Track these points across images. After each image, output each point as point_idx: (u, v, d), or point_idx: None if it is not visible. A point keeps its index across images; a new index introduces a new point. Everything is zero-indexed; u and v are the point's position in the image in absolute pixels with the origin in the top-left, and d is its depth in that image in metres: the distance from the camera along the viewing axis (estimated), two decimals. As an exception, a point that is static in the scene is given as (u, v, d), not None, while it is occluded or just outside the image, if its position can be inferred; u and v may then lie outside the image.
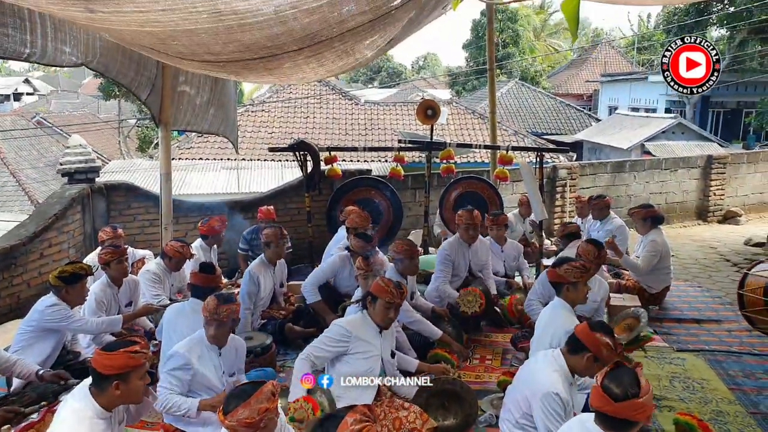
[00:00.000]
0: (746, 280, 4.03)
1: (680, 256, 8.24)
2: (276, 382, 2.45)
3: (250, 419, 2.17)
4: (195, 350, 3.29)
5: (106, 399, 2.49)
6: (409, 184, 8.55)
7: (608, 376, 2.22)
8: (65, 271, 3.91)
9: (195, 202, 7.76)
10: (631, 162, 10.70)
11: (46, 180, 18.56)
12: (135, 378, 2.51)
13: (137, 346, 2.54)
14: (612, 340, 2.77)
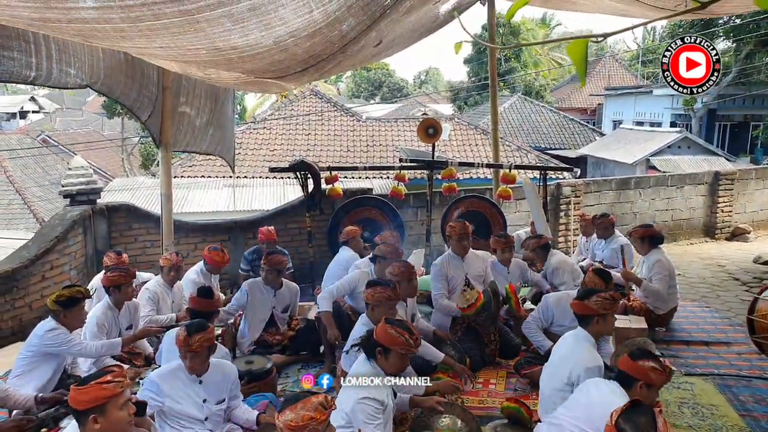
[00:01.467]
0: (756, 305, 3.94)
1: (687, 275, 8.13)
2: (328, 396, 2.46)
3: (294, 423, 2.30)
4: (168, 379, 3.21)
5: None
6: (410, 203, 8.51)
7: (623, 416, 2.16)
8: (62, 295, 3.87)
9: (196, 223, 7.74)
10: (636, 179, 10.62)
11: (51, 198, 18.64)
12: (113, 409, 2.41)
13: (110, 375, 2.46)
14: (657, 363, 2.81)
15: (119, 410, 2.44)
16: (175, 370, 3.28)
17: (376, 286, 3.86)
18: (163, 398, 3.17)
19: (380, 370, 3.15)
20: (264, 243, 6.33)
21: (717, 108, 21.38)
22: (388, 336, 3.08)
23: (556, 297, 4.65)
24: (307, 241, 7.21)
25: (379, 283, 3.93)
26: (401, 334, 3.09)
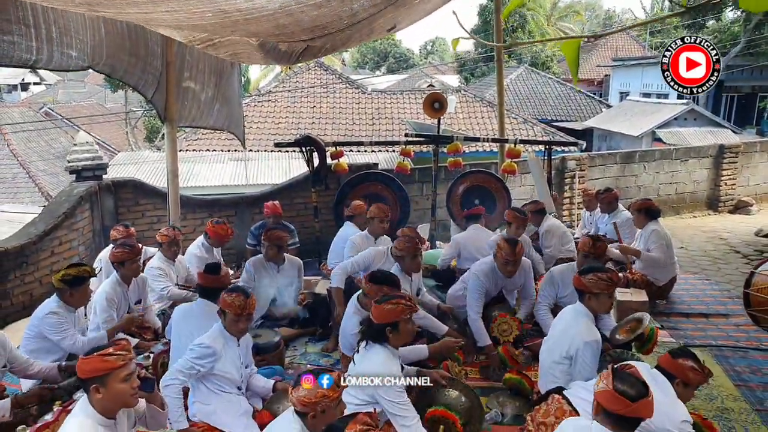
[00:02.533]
0: (753, 279, 4.00)
1: (689, 248, 8.19)
2: (341, 374, 2.55)
3: (307, 399, 2.38)
4: (219, 341, 3.34)
5: (96, 404, 2.50)
6: (416, 177, 8.54)
7: (617, 379, 2.24)
8: (68, 273, 3.91)
9: (203, 199, 7.81)
10: (641, 152, 10.61)
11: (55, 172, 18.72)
12: (114, 381, 2.48)
13: (112, 348, 2.52)
14: (696, 363, 2.89)
15: (120, 383, 2.49)
16: (219, 335, 3.38)
17: (381, 284, 3.78)
18: (219, 358, 3.29)
19: (394, 350, 3.19)
20: (270, 217, 6.39)
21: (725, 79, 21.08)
22: (389, 313, 3.13)
23: (559, 269, 4.72)
24: (313, 216, 7.28)
25: (383, 280, 3.85)
26: (397, 303, 3.16)
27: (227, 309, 3.35)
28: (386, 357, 3.11)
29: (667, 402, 2.78)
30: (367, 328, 3.22)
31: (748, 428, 3.57)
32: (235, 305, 3.32)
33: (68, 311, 4.00)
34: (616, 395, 2.20)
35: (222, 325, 3.41)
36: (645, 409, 2.21)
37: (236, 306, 3.33)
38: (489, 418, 3.71)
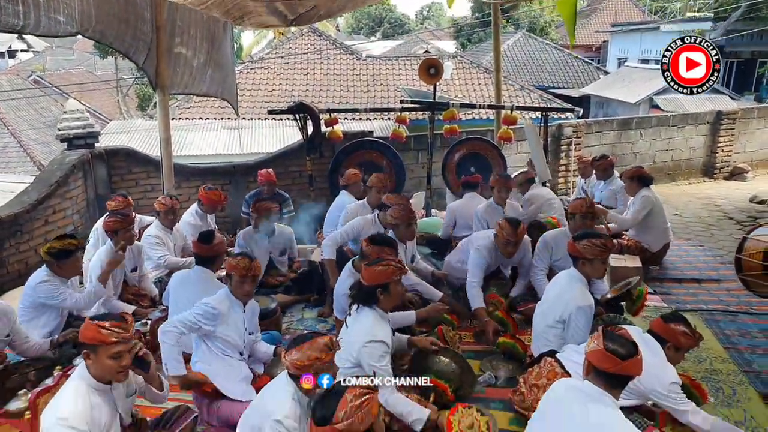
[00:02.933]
0: (745, 244, 4.04)
1: (684, 215, 8.23)
2: (333, 338, 2.58)
3: (300, 362, 2.43)
4: (225, 304, 3.38)
5: (89, 368, 2.55)
6: (411, 145, 8.49)
7: (607, 339, 2.28)
8: (53, 246, 3.90)
9: (197, 167, 7.76)
10: (638, 119, 10.55)
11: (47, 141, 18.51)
12: (102, 354, 2.50)
13: (108, 323, 2.51)
14: (687, 327, 2.94)
15: (108, 358, 2.50)
16: (226, 298, 3.41)
17: (382, 245, 3.83)
18: (219, 323, 3.31)
19: (383, 312, 3.27)
20: (264, 185, 6.37)
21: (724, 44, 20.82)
22: (380, 274, 3.20)
23: (552, 234, 4.75)
24: (308, 184, 7.25)
25: (383, 241, 3.89)
26: (387, 265, 3.23)
27: (232, 271, 3.38)
28: (376, 319, 3.19)
29: (657, 364, 2.84)
30: (358, 290, 3.28)
31: (736, 389, 3.64)
32: (240, 267, 3.37)
33: (60, 281, 4.01)
34: (607, 354, 2.24)
35: (228, 289, 3.45)
36: (635, 367, 2.25)
37: (241, 267, 3.37)
38: (482, 380, 3.77)
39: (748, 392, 3.57)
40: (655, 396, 2.83)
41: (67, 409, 2.45)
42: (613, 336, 2.31)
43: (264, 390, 2.75)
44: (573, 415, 2.25)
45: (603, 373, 2.26)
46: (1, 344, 3.59)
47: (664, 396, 2.80)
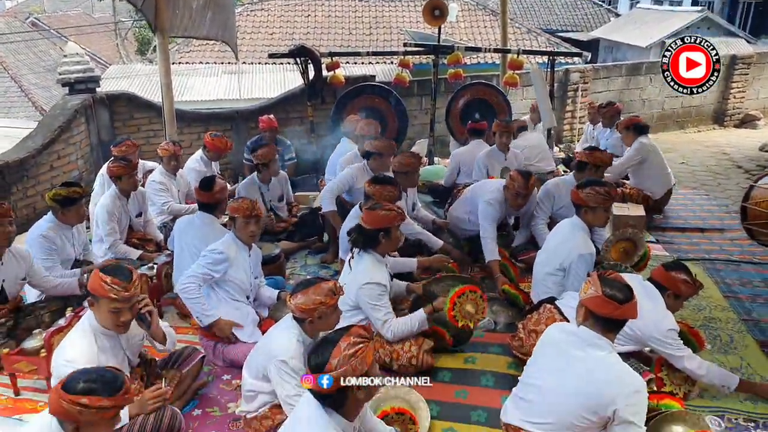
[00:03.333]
0: (752, 192, 4.00)
1: (691, 163, 8.14)
2: (337, 283, 2.64)
3: (304, 306, 2.52)
4: (232, 248, 3.42)
5: (94, 314, 2.61)
6: (414, 90, 8.33)
7: (605, 285, 2.30)
8: (59, 193, 3.90)
9: (198, 112, 7.67)
10: (647, 64, 10.25)
11: (47, 86, 18.25)
12: (103, 306, 2.55)
13: (113, 278, 2.50)
14: (688, 275, 2.95)
15: (107, 311, 2.55)
16: (232, 242, 3.46)
17: (384, 184, 3.88)
18: (230, 262, 3.36)
19: (380, 257, 3.34)
20: (266, 131, 6.32)
21: (742, -16, 20.07)
22: (382, 218, 3.25)
23: (554, 182, 4.73)
24: (309, 130, 7.18)
25: (384, 180, 3.94)
26: (390, 210, 3.29)
27: (236, 213, 3.42)
28: (373, 263, 3.27)
29: (656, 311, 2.88)
30: (359, 234, 3.32)
31: (734, 336, 3.70)
32: (243, 207, 3.41)
33: (63, 228, 4.02)
34: (606, 299, 2.26)
35: (233, 233, 3.48)
36: (631, 310, 2.29)
37: (244, 208, 3.41)
38: (481, 325, 3.82)
39: (746, 340, 3.63)
40: (653, 342, 2.88)
41: (74, 352, 2.53)
42: (609, 281, 2.33)
43: (269, 332, 2.81)
44: (572, 359, 2.29)
45: (601, 318, 2.29)
46: (18, 286, 3.66)
47: (662, 342, 2.85)
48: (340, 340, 1.97)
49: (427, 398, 2.97)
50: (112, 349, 2.67)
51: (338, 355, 1.93)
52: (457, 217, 4.87)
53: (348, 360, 1.92)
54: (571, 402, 2.23)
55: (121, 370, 2.14)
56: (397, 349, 3.24)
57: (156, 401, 2.61)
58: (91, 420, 1.97)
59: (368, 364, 1.97)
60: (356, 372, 1.93)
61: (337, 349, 1.94)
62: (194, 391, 3.20)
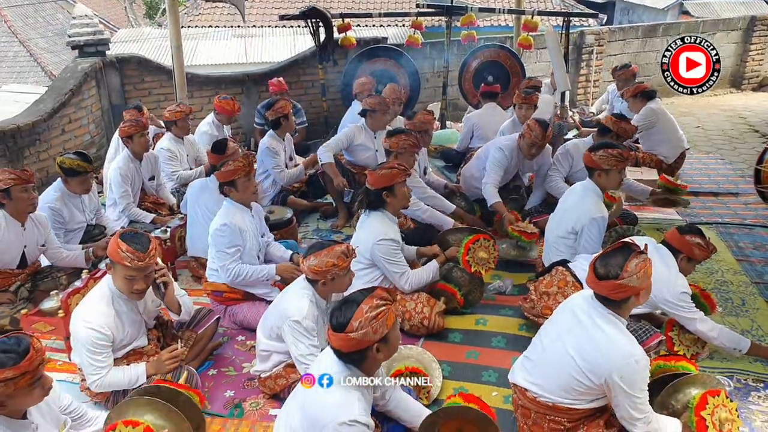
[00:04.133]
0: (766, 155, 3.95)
1: (707, 127, 8.01)
2: (350, 245, 2.67)
3: (317, 268, 2.56)
4: (236, 217, 3.41)
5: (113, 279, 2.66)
6: (427, 53, 8.19)
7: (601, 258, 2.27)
8: (65, 162, 3.88)
9: (209, 76, 7.62)
10: (665, 25, 9.99)
11: (56, 50, 18.14)
12: (119, 272, 2.58)
13: (127, 245, 2.52)
14: (702, 239, 2.93)
15: (122, 277, 2.59)
16: (231, 209, 3.44)
17: (401, 134, 3.95)
18: (244, 232, 3.37)
19: (391, 216, 3.38)
20: (276, 95, 6.29)
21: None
22: (384, 177, 3.28)
23: (573, 144, 4.69)
24: (320, 93, 7.12)
25: (402, 131, 4.01)
26: (391, 168, 3.31)
27: (235, 176, 3.38)
28: (384, 221, 3.32)
29: (668, 274, 2.88)
30: (366, 195, 3.36)
31: (745, 299, 3.71)
32: (240, 167, 3.38)
33: (71, 196, 4.02)
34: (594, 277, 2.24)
35: (230, 200, 3.46)
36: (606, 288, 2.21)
37: (241, 167, 3.38)
38: (492, 288, 3.87)
39: (758, 302, 3.64)
40: (665, 305, 2.90)
41: (92, 313, 2.60)
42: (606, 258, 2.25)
43: (283, 293, 2.86)
44: (579, 323, 2.30)
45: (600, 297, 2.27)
46: (38, 252, 3.71)
47: (674, 305, 2.86)
48: (363, 302, 2.00)
49: (440, 359, 3.03)
50: (128, 313, 2.73)
51: (360, 317, 1.96)
52: (471, 175, 4.85)
53: (369, 322, 1.96)
54: (569, 362, 2.25)
55: (27, 333, 2.07)
56: (409, 310, 3.29)
57: (172, 361, 2.70)
58: (8, 393, 1.90)
59: (389, 326, 2.01)
60: (377, 334, 1.97)
61: (360, 311, 1.97)
62: (209, 352, 3.27)
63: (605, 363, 2.15)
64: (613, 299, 2.22)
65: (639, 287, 2.19)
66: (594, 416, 2.33)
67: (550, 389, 2.33)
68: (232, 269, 3.36)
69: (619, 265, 2.18)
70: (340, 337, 1.98)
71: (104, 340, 2.58)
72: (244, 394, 2.96)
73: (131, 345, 2.76)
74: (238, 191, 3.44)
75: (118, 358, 2.71)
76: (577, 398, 2.27)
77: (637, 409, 2.15)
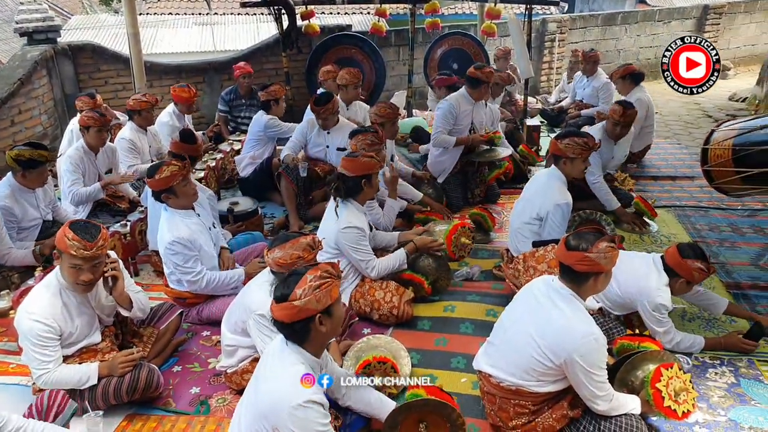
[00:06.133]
0: (713, 136, 4.06)
1: (663, 113, 8.22)
2: (316, 237, 2.63)
3: (282, 260, 2.50)
4: (181, 227, 3.20)
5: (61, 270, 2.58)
6: (392, 41, 8.15)
7: (574, 234, 2.33)
8: (21, 155, 3.65)
9: (169, 64, 7.42)
10: (623, 14, 10.19)
11: (5, 38, 17.37)
12: (65, 261, 2.50)
13: (73, 234, 2.45)
14: (703, 263, 2.84)
15: (68, 267, 2.50)
16: (178, 221, 3.23)
17: (359, 134, 3.87)
18: (194, 242, 3.21)
19: (359, 206, 3.37)
20: (242, 78, 6.21)
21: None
22: (365, 165, 3.26)
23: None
24: (285, 82, 7.01)
25: (361, 130, 3.93)
26: (371, 156, 3.30)
27: (172, 182, 3.16)
28: (350, 211, 3.30)
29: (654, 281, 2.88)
30: (342, 182, 3.31)
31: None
32: (176, 171, 3.17)
33: (23, 192, 3.82)
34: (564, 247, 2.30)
35: (171, 210, 3.25)
36: (571, 258, 2.26)
37: (178, 171, 3.18)
38: (459, 275, 3.89)
39: (713, 282, 3.75)
40: (641, 307, 2.92)
41: (36, 304, 2.51)
42: (579, 234, 2.31)
43: (247, 286, 2.81)
44: (540, 305, 2.34)
45: (566, 268, 2.30)
46: None
47: (649, 312, 2.88)
48: (307, 272, 1.98)
49: (409, 347, 3.03)
50: (78, 306, 2.63)
51: (304, 285, 1.95)
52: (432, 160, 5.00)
53: (312, 291, 1.94)
54: (529, 343, 2.27)
55: None
56: (378, 299, 3.28)
57: (126, 365, 2.60)
58: None
59: (332, 298, 1.99)
60: (320, 303, 1.95)
61: (303, 280, 1.96)
62: (173, 348, 3.19)
63: (565, 342, 2.19)
64: (577, 271, 2.25)
65: (603, 266, 2.24)
66: (558, 398, 2.37)
67: (513, 372, 2.35)
68: (199, 281, 3.24)
69: (591, 241, 2.26)
70: (283, 306, 1.95)
71: (50, 332, 2.48)
72: (211, 391, 2.90)
73: (83, 341, 2.65)
74: (178, 197, 3.23)
75: (70, 355, 2.61)
76: (539, 380, 2.31)
77: (597, 387, 2.20)
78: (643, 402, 2.34)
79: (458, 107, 4.76)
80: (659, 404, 2.28)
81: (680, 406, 2.29)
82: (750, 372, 2.91)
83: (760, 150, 3.54)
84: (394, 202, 4.08)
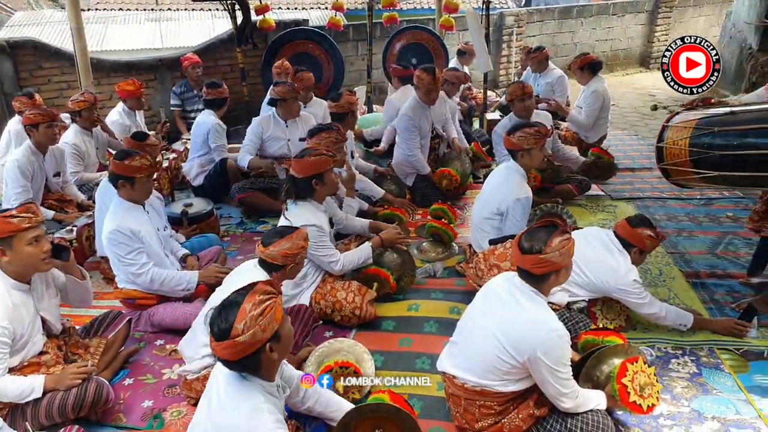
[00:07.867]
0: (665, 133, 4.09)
1: (620, 105, 8.37)
2: (306, 230, 2.63)
3: (289, 251, 2.54)
4: (126, 218, 3.12)
5: (5, 267, 2.44)
6: (350, 35, 8.04)
7: (527, 233, 2.27)
8: None
9: (118, 61, 7.12)
10: (578, 8, 10.34)
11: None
12: (20, 244, 2.40)
13: (16, 210, 2.42)
14: (653, 231, 2.95)
15: (27, 245, 2.40)
16: (124, 211, 3.16)
17: (321, 132, 3.70)
18: (139, 235, 3.11)
19: (318, 204, 3.26)
20: (191, 67, 6.03)
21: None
22: (314, 164, 3.14)
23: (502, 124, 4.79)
24: (240, 78, 6.83)
25: (323, 128, 3.77)
26: (319, 154, 3.17)
27: (137, 173, 3.12)
28: (310, 210, 3.19)
29: (618, 265, 2.92)
30: (293, 184, 3.19)
31: (663, 270, 3.86)
32: (146, 165, 3.15)
33: None
34: (517, 249, 2.25)
35: (122, 199, 3.19)
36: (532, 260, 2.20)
37: (147, 167, 3.16)
38: (421, 272, 3.83)
39: (673, 272, 3.80)
40: (617, 293, 2.95)
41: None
42: (532, 233, 2.26)
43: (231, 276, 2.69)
44: (502, 302, 2.29)
45: (522, 270, 2.26)
46: None
47: (626, 292, 2.92)
48: (244, 301, 1.78)
49: (372, 349, 2.94)
50: (24, 305, 2.47)
51: (244, 317, 1.74)
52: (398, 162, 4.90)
53: (256, 321, 1.74)
54: (492, 342, 2.22)
55: None
56: (340, 300, 3.19)
57: (76, 377, 2.46)
58: None
59: (278, 320, 1.80)
60: (267, 331, 1.76)
61: (242, 312, 1.75)
62: (123, 359, 3.01)
63: (527, 340, 2.14)
64: (535, 274, 2.21)
65: (560, 264, 2.20)
66: (523, 397, 2.33)
67: (476, 371, 2.30)
68: (144, 274, 3.11)
69: (543, 240, 2.19)
70: (226, 345, 1.74)
71: (4, 335, 2.34)
72: (165, 403, 2.75)
73: (26, 349, 2.48)
74: (134, 190, 3.17)
75: (13, 367, 2.43)
76: (503, 379, 2.26)
77: (562, 384, 2.16)
78: (609, 397, 2.31)
79: (416, 117, 4.71)
80: (625, 399, 2.25)
81: (645, 400, 2.27)
82: (711, 361, 2.93)
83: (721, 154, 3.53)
84: (353, 201, 3.99)
